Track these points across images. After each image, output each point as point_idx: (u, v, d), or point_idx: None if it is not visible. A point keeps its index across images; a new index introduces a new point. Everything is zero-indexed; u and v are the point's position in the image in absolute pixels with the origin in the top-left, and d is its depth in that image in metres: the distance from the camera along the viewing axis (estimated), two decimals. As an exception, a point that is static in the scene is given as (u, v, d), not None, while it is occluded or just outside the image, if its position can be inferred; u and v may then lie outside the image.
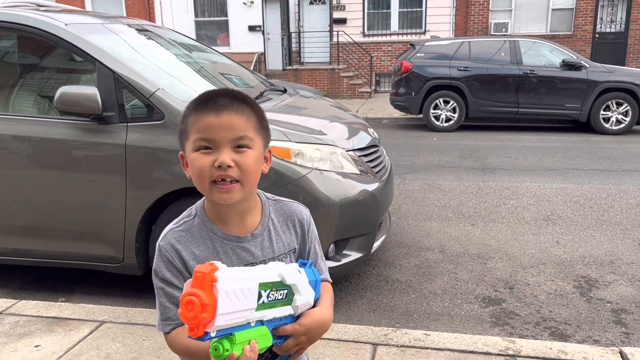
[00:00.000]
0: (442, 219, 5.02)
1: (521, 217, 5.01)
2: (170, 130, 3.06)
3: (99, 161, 3.15)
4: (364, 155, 3.57)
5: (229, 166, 1.10)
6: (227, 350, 0.95)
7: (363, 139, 3.76)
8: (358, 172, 3.35)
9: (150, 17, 17.18)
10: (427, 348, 2.66)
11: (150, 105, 3.09)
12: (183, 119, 1.17)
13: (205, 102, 1.13)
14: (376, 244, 3.50)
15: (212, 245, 1.19)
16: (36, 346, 2.70)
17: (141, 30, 4.09)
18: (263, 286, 1.01)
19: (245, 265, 1.19)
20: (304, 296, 1.11)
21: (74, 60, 3.47)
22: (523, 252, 4.19)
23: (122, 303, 3.40)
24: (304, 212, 1.31)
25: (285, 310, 1.08)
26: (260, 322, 1.03)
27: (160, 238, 1.21)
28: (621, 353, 2.60)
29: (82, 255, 3.32)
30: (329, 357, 2.56)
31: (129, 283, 3.61)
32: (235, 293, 0.94)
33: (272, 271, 1.06)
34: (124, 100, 3.14)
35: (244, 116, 1.12)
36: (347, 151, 3.39)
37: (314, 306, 1.16)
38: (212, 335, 0.92)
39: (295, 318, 1.11)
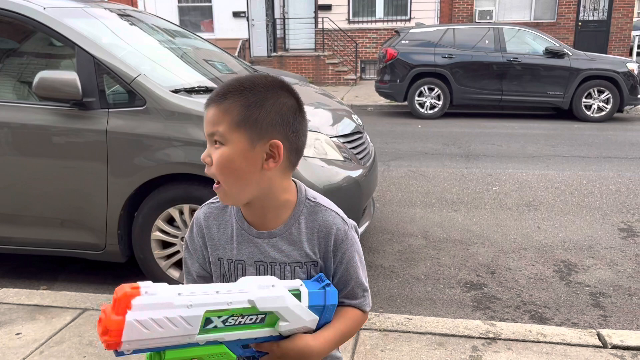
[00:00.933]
0: (425, 205, 5.06)
1: (503, 203, 5.07)
2: (152, 116, 3.03)
3: (80, 148, 3.12)
4: (348, 142, 3.57)
5: (207, 163, 1.07)
6: None
7: (347, 125, 3.76)
8: (342, 159, 3.36)
9: (132, 2, 16.92)
10: (409, 332, 2.70)
11: (131, 91, 3.06)
12: None
13: (210, 95, 1.10)
14: (360, 230, 3.48)
15: (231, 231, 1.17)
16: (17, 334, 2.68)
17: (123, 15, 4.03)
18: (214, 313, 0.94)
19: (255, 262, 1.14)
20: (293, 323, 1.03)
21: (54, 45, 3.41)
22: (505, 238, 4.24)
23: (105, 290, 3.38)
24: (339, 227, 1.15)
25: (264, 332, 1.02)
26: (217, 342, 0.97)
27: (199, 207, 1.23)
28: (599, 335, 2.66)
29: (63, 243, 3.29)
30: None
31: (111, 270, 3.59)
32: (155, 322, 0.88)
33: (241, 295, 0.97)
34: (105, 85, 3.10)
35: (221, 110, 1.05)
36: (331, 138, 3.39)
37: (318, 329, 1.09)
38: (128, 354, 0.89)
39: (283, 337, 1.05)
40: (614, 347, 2.56)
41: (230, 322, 0.96)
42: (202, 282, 1.19)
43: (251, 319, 0.98)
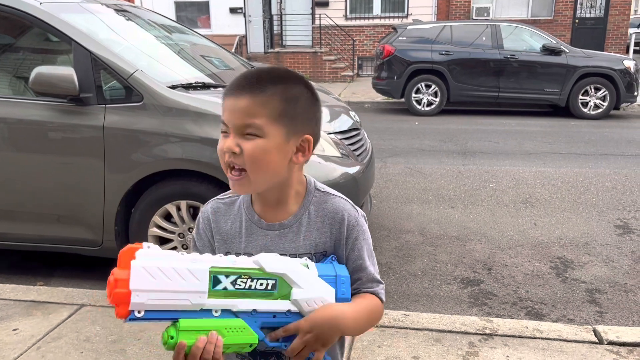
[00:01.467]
0: (422, 202, 5.07)
1: (500, 200, 5.08)
2: (149, 112, 3.02)
3: (77, 143, 3.11)
4: (346, 139, 3.57)
5: (234, 152, 1.03)
6: (172, 337, 0.91)
7: (345, 122, 3.76)
8: (339, 155, 3.35)
9: (129, -2, 16.84)
10: (406, 328, 2.70)
11: (128, 86, 3.05)
12: None
13: (233, 83, 1.07)
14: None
15: (240, 224, 1.16)
16: (14, 330, 2.68)
17: (119, 11, 4.02)
18: (221, 270, 0.94)
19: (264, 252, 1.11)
20: (307, 291, 1.01)
21: (50, 41, 3.40)
22: (501, 234, 4.25)
23: (102, 287, 3.35)
24: (350, 212, 1.15)
25: (279, 305, 0.99)
26: (233, 314, 0.96)
27: (206, 203, 1.22)
28: (595, 331, 2.67)
29: (60, 239, 3.28)
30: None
31: (109, 266, 3.56)
32: (161, 271, 0.89)
33: (247, 258, 0.99)
34: (102, 81, 3.09)
35: (259, 101, 1.02)
36: (328, 134, 3.39)
37: None
38: (139, 315, 0.89)
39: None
40: (610, 343, 2.57)
41: (240, 285, 0.96)
42: None
43: (262, 284, 0.97)
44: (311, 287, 1.02)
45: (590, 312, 3.12)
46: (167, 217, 3.19)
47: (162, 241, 3.23)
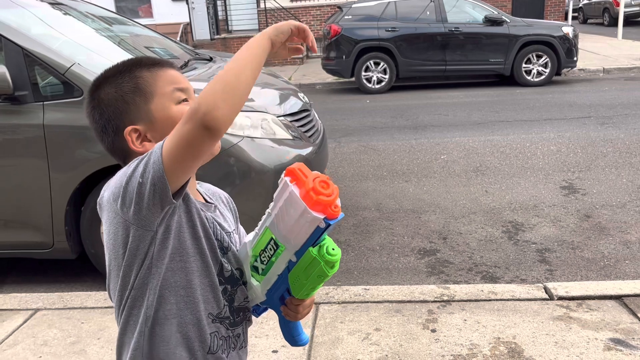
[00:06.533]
0: (377, 178, 5.14)
1: (452, 171, 5.20)
2: (91, 106, 2.93)
3: (17, 144, 3.00)
4: (296, 120, 3.57)
5: None
6: (333, 249, 0.94)
7: (294, 104, 3.75)
8: (291, 138, 3.36)
9: (64, -10, 16.17)
10: (367, 302, 2.76)
11: (66, 81, 2.95)
12: (128, 80, 1.04)
13: (157, 61, 1.08)
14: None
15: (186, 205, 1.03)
16: (-33, 341, 2.59)
17: (54, 4, 3.86)
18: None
19: (224, 232, 1.10)
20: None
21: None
22: (454, 204, 4.36)
23: (57, 289, 3.29)
24: (225, 191, 1.27)
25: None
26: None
27: None
28: (545, 288, 2.79)
29: (9, 244, 3.17)
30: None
31: (62, 268, 3.50)
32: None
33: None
34: (38, 77, 2.98)
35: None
36: (278, 117, 3.38)
37: None
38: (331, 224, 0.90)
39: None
40: (560, 298, 2.70)
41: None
42: None
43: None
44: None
45: (541, 271, 3.26)
46: (119, 212, 3.12)
47: (116, 237, 3.16)
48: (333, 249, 0.94)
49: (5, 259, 3.36)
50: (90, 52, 3.40)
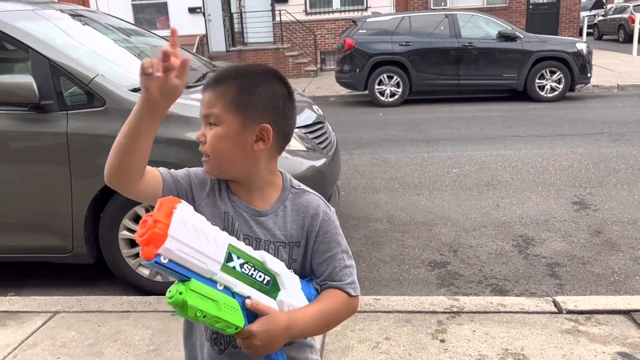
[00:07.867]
0: (389, 190, 5.19)
1: (463, 184, 5.24)
2: (112, 116, 3.03)
3: (41, 151, 3.10)
4: (310, 132, 3.65)
5: (201, 140, 1.16)
6: (180, 293, 0.94)
7: (308, 116, 3.83)
8: (304, 149, 3.43)
9: (84, 2, 16.51)
10: (377, 311, 2.80)
11: (90, 91, 3.05)
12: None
13: (206, 80, 1.20)
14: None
15: (219, 193, 1.21)
16: (-12, 341, 2.67)
17: (75, 16, 3.99)
18: (235, 250, 1.02)
19: (242, 234, 1.17)
20: (292, 296, 1.09)
21: (6, 49, 3.36)
22: (465, 217, 4.40)
23: (75, 293, 3.38)
24: (324, 209, 1.23)
25: (267, 301, 1.06)
26: (231, 293, 1.02)
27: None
28: (554, 302, 2.82)
29: (30, 248, 3.27)
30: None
31: (81, 273, 3.58)
32: (195, 228, 0.96)
33: (256, 251, 1.08)
34: (62, 87, 3.09)
35: (217, 93, 1.14)
36: (292, 129, 3.45)
37: None
38: (163, 261, 0.92)
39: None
40: (569, 312, 2.73)
41: (245, 270, 1.04)
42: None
43: (260, 277, 1.06)
44: (295, 295, 1.10)
45: (551, 285, 3.28)
46: (137, 219, 3.21)
47: (133, 244, 3.24)
48: (170, 291, 0.96)
49: (25, 264, 3.45)
50: (111, 63, 3.52)
